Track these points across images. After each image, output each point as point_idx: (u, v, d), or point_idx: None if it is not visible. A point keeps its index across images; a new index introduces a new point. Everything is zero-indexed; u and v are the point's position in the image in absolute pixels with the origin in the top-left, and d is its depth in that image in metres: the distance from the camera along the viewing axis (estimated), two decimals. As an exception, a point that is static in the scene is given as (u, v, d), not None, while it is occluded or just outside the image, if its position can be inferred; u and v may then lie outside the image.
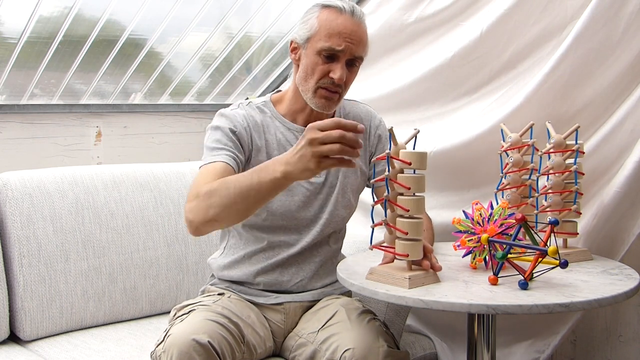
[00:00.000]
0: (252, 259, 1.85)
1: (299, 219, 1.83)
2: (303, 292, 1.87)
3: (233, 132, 1.75)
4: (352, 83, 1.79)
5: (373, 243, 1.60)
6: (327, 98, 1.75)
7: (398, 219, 1.53)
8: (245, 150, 1.77)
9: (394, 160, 1.52)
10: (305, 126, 1.70)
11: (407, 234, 1.51)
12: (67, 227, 2.06)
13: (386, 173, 1.51)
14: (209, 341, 1.53)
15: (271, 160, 1.49)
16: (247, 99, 1.86)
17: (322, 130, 1.38)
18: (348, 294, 1.93)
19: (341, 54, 1.72)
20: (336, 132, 1.37)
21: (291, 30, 2.83)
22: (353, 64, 1.76)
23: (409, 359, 1.70)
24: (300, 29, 1.78)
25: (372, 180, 1.59)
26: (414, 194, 1.52)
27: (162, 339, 1.60)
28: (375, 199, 1.57)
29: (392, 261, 1.61)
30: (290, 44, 1.81)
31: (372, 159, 1.83)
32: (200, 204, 1.55)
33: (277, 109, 1.85)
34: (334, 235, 1.91)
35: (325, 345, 1.68)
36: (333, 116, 1.87)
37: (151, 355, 1.63)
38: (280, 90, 1.92)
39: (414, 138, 1.56)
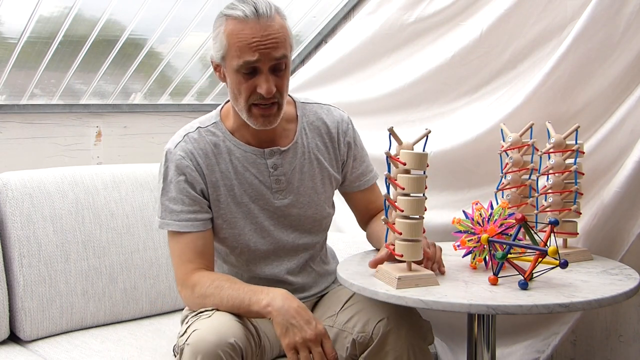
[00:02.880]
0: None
1: (281, 242, 1.77)
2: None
3: (187, 183, 1.66)
4: (287, 86, 1.66)
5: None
6: (264, 115, 1.63)
7: (397, 218, 1.54)
8: (205, 195, 1.69)
9: (395, 160, 1.52)
10: (258, 144, 1.71)
11: (401, 234, 1.51)
12: (67, 227, 2.06)
13: (385, 172, 1.51)
14: (235, 341, 1.48)
15: (266, 293, 1.53)
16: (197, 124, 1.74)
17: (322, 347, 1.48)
18: None
19: (260, 64, 1.58)
20: None
21: (292, 29, 2.83)
22: (279, 67, 1.61)
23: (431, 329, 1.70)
24: (213, 47, 1.64)
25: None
26: (409, 194, 1.52)
27: (184, 331, 1.54)
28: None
29: (387, 256, 1.61)
30: (212, 63, 1.68)
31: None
32: (195, 300, 1.63)
33: (227, 125, 1.73)
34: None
35: (350, 323, 1.65)
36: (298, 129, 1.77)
37: (173, 349, 1.61)
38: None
39: (425, 138, 1.56)
